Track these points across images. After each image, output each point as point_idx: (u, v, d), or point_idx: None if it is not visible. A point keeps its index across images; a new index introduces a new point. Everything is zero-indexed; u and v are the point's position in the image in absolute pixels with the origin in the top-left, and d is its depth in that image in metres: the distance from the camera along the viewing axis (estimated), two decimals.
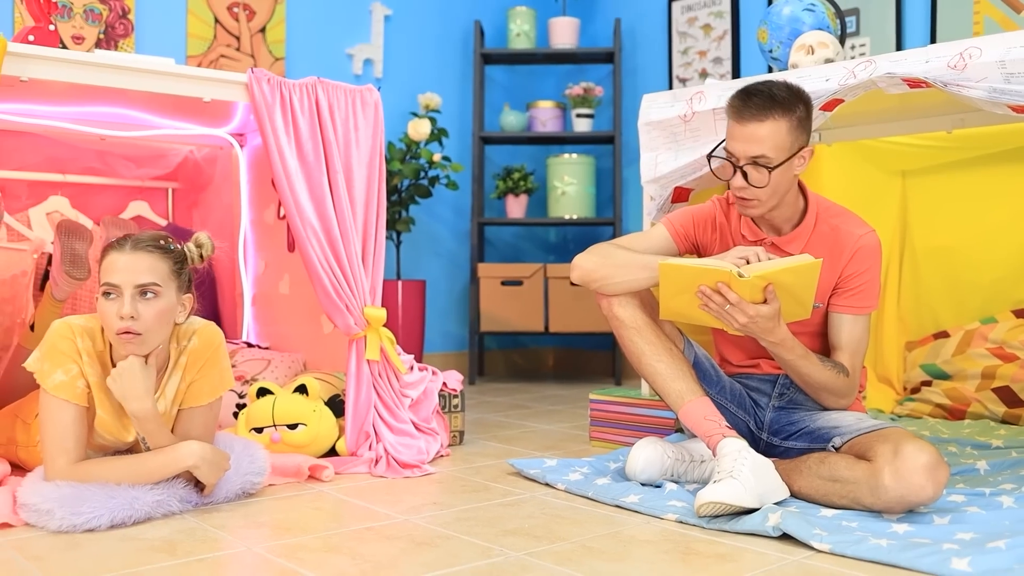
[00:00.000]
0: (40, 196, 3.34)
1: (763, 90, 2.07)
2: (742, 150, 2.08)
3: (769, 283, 1.97)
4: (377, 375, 2.61)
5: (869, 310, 2.18)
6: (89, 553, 1.71)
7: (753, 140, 2.06)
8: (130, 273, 1.95)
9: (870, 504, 1.86)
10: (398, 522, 1.95)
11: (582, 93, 4.73)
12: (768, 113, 2.05)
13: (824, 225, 2.19)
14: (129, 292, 1.94)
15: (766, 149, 2.05)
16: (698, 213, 2.33)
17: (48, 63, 2.26)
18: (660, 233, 2.32)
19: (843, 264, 2.16)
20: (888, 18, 3.82)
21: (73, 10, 3.66)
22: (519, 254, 5.22)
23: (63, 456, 1.94)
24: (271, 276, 3.35)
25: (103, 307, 1.95)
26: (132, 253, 1.97)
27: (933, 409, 3.17)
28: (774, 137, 2.05)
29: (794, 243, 2.19)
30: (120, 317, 1.92)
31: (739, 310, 1.97)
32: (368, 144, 2.69)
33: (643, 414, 2.77)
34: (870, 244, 2.17)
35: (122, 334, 1.93)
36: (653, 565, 1.66)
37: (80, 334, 2.00)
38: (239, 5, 4.13)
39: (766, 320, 1.99)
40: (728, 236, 2.28)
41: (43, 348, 1.98)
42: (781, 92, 2.07)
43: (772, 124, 2.05)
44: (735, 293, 1.97)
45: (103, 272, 1.97)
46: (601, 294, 2.22)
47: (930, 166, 3.32)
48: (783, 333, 2.04)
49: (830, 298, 2.19)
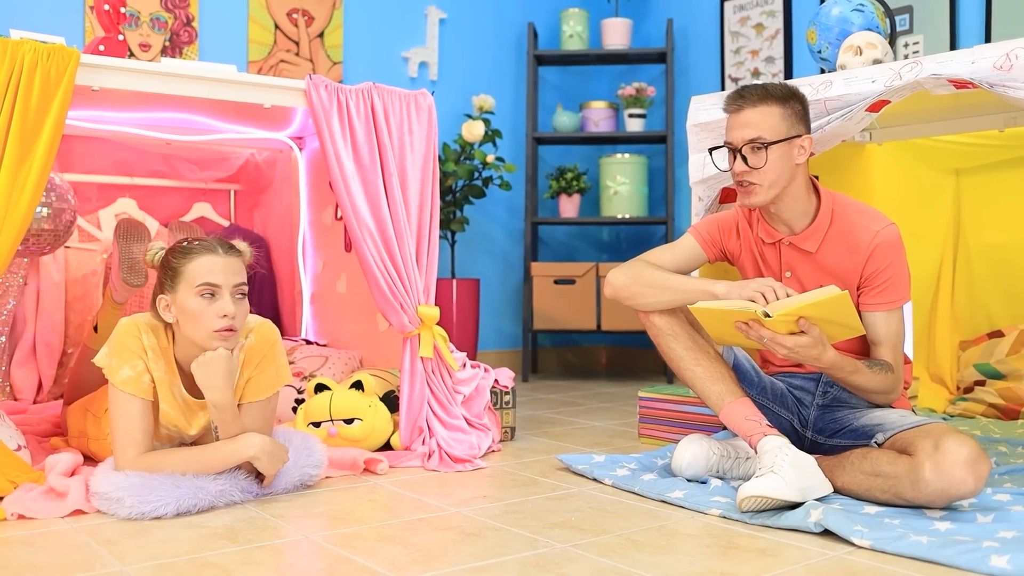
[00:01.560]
0: (109, 198, 3.49)
1: (758, 86, 2.21)
2: (739, 136, 2.19)
3: (799, 317, 2.00)
4: (431, 372, 2.69)
5: (901, 303, 2.19)
6: (157, 539, 1.80)
7: (748, 125, 2.18)
8: (229, 275, 2.06)
9: (911, 498, 1.89)
10: (449, 514, 2.02)
11: (634, 93, 4.76)
12: (761, 101, 2.18)
13: (841, 222, 2.21)
14: (228, 291, 2.05)
15: (761, 131, 2.16)
16: (722, 220, 2.38)
17: (117, 73, 2.37)
18: (689, 243, 2.39)
19: (863, 262, 2.18)
20: (942, 15, 3.79)
21: (140, 19, 3.80)
22: (572, 253, 5.27)
23: (132, 447, 2.03)
24: (329, 275, 3.45)
25: (200, 306, 2.04)
26: (227, 257, 2.08)
27: (986, 409, 3.15)
28: (767, 119, 2.17)
29: (810, 240, 2.21)
30: (224, 316, 2.03)
31: (777, 344, 2.02)
32: (422, 147, 2.76)
33: (691, 411, 2.81)
34: (888, 238, 2.17)
35: (223, 331, 2.04)
36: (695, 558, 1.70)
37: (145, 331, 2.10)
38: (298, 11, 4.24)
39: (809, 349, 2.02)
40: (750, 241, 2.32)
41: (111, 345, 2.08)
42: (775, 88, 2.20)
43: (764, 108, 2.18)
44: (768, 330, 2.01)
45: (196, 271, 2.05)
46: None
47: (983, 164, 3.30)
48: (831, 357, 2.06)
49: (859, 297, 2.20)
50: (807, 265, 2.22)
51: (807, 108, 2.24)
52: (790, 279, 2.25)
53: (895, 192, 3.36)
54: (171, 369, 2.12)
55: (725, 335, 2.16)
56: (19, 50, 2.13)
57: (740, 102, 2.20)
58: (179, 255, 2.08)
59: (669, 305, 2.25)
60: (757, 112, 2.17)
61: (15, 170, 2.11)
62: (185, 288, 2.05)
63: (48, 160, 2.15)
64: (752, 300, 2.03)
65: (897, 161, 3.39)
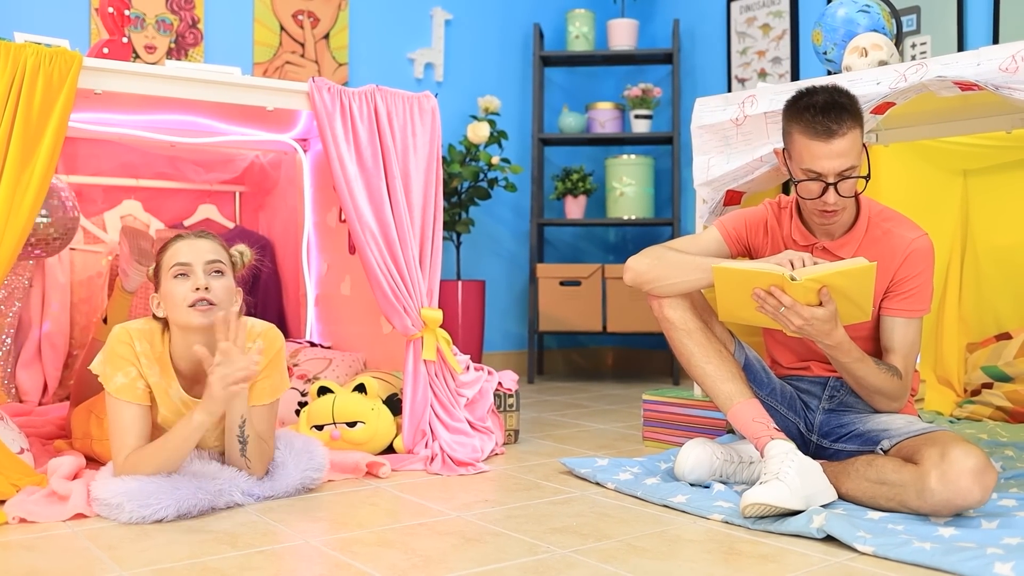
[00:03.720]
0: (114, 200, 3.49)
1: (830, 102, 2.05)
2: (830, 167, 2.05)
3: (823, 286, 1.97)
4: (434, 375, 2.68)
5: (922, 313, 2.18)
6: (157, 543, 1.80)
7: (841, 155, 2.04)
8: (199, 253, 2.10)
9: (917, 507, 1.87)
10: (450, 518, 2.02)
11: (640, 94, 4.75)
12: (845, 124, 2.04)
13: (876, 229, 2.20)
14: (200, 267, 2.09)
15: (853, 160, 2.06)
16: (750, 216, 2.34)
17: (120, 76, 2.37)
18: (712, 236, 2.34)
19: (896, 267, 2.16)
20: (950, 15, 3.77)
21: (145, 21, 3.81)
22: (578, 254, 5.26)
23: (125, 452, 2.04)
24: (333, 277, 3.45)
25: (174, 288, 2.07)
26: (195, 239, 2.14)
27: (993, 412, 3.13)
28: (856, 145, 2.06)
29: (846, 247, 2.19)
30: (195, 288, 2.05)
31: (794, 312, 1.99)
32: (425, 150, 2.76)
33: (695, 415, 2.80)
34: (923, 247, 2.16)
35: (197, 303, 2.05)
36: (696, 564, 1.69)
37: (138, 338, 2.11)
38: (304, 13, 4.24)
39: (822, 323, 1.99)
40: (779, 240, 2.30)
41: (104, 353, 2.11)
42: (843, 99, 2.06)
43: (852, 135, 2.05)
44: (789, 296, 1.98)
45: (169, 258, 2.10)
46: (653, 296, 2.25)
47: (991, 166, 3.28)
48: (840, 336, 2.04)
49: (882, 301, 2.19)
50: None
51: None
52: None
53: (902, 193, 3.34)
54: (167, 372, 2.13)
55: (737, 307, 2.10)
56: (22, 54, 2.13)
57: (831, 128, 2.03)
58: (160, 251, 2.15)
59: (694, 287, 2.19)
60: (847, 140, 2.03)
61: (17, 174, 2.11)
62: (165, 277, 2.10)
63: (50, 164, 2.16)
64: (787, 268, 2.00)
65: (904, 162, 3.37)
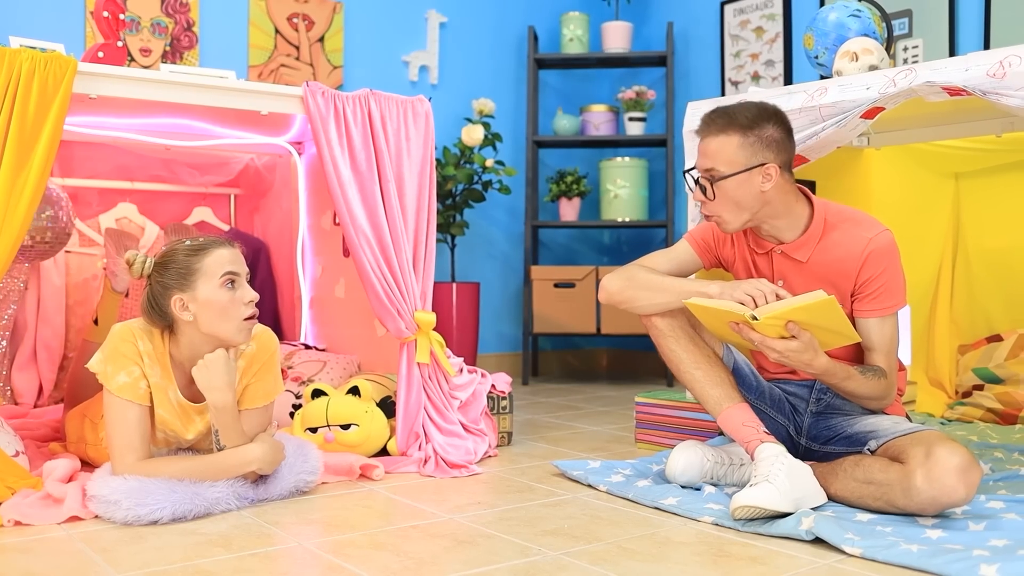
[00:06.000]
0: (110, 203, 3.51)
1: (727, 110, 2.15)
2: (699, 163, 2.17)
3: (788, 321, 1.99)
4: (427, 377, 2.69)
5: (895, 309, 2.17)
6: (151, 546, 1.81)
7: (705, 154, 2.15)
8: (242, 264, 2.13)
9: (903, 506, 1.89)
10: (443, 521, 2.03)
11: (635, 97, 4.76)
12: (722, 130, 2.12)
13: (834, 230, 2.18)
14: (245, 279, 2.12)
15: (716, 163, 2.13)
16: (717, 228, 2.37)
17: (114, 81, 2.38)
18: (684, 249, 2.40)
19: (857, 269, 2.15)
20: (941, 19, 3.79)
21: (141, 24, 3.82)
22: (572, 256, 5.27)
23: (131, 453, 2.05)
24: (327, 280, 3.46)
25: (227, 297, 2.08)
26: (235, 248, 2.14)
27: (984, 414, 3.15)
28: (724, 150, 2.12)
29: (802, 249, 2.19)
30: (249, 301, 2.10)
31: (767, 347, 2.02)
32: (419, 153, 2.77)
33: (688, 417, 2.81)
34: (881, 244, 2.14)
35: (249, 320, 2.10)
36: (685, 567, 1.71)
37: (140, 336, 2.11)
38: (299, 16, 4.25)
39: (799, 353, 2.01)
40: (744, 248, 2.32)
41: (105, 351, 2.09)
42: (743, 112, 2.13)
43: (724, 139, 2.12)
44: (758, 333, 2.02)
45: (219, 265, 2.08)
46: None
47: (983, 169, 3.30)
48: (823, 363, 2.05)
49: (853, 304, 2.19)
50: (799, 274, 2.22)
51: (785, 130, 2.15)
52: (783, 287, 2.25)
53: (894, 196, 3.37)
54: (167, 374, 2.14)
55: (719, 332, 2.18)
56: (16, 59, 2.14)
57: (703, 129, 2.17)
58: (190, 254, 2.09)
59: (664, 307, 2.23)
60: (716, 142, 2.13)
61: (12, 178, 2.12)
62: (206, 283, 2.07)
63: (45, 168, 2.17)
64: (742, 303, 2.04)
65: (895, 165, 3.40)
